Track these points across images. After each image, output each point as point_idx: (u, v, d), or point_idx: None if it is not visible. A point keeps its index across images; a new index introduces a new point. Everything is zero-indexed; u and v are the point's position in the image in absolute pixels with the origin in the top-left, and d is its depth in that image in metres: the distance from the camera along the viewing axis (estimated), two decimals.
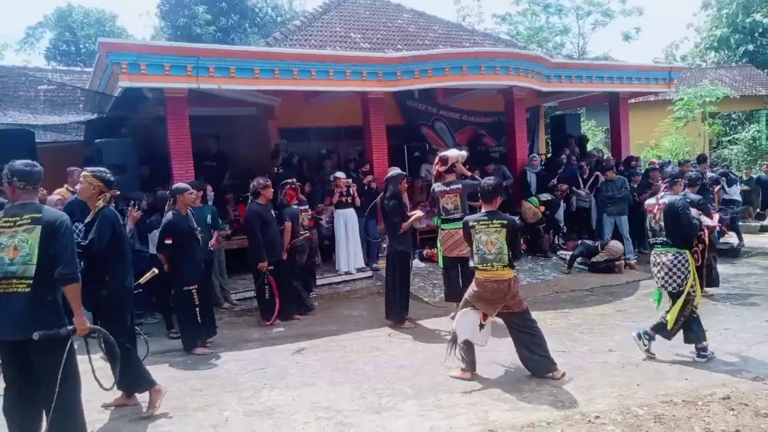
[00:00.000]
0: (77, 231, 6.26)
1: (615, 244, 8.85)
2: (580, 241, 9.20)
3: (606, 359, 4.92)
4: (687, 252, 4.76)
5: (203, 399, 4.47)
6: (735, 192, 10.72)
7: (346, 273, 8.50)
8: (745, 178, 13.92)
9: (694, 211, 5.10)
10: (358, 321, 6.77)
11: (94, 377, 3.58)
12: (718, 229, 6.35)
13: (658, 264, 4.87)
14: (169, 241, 5.59)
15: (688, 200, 5.23)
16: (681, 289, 4.72)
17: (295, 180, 7.36)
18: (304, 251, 7.29)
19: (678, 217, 4.72)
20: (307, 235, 7.32)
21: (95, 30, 24.36)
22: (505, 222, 4.55)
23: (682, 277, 4.73)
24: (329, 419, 3.97)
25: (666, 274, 4.79)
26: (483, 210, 4.71)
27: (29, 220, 3.24)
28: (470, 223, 4.67)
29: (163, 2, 21.56)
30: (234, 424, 3.99)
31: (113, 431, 3.99)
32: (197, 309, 5.64)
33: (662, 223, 4.82)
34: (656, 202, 4.93)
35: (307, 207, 7.49)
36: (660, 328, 4.84)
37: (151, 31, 25.73)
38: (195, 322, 5.67)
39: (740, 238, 10.37)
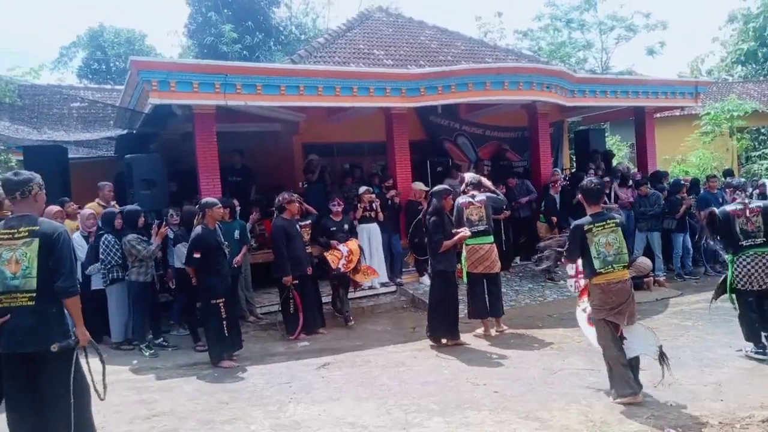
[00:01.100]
0: (109, 243, 6.42)
1: (643, 261, 8.69)
2: None
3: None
4: None
5: (230, 412, 4.49)
6: None
7: (370, 288, 8.49)
8: None
9: None
10: (382, 336, 6.75)
11: (94, 388, 3.49)
12: None
13: (762, 265, 5.16)
14: (197, 255, 5.66)
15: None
16: None
17: (297, 195, 7.30)
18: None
19: None
20: (309, 250, 7.23)
21: (125, 49, 25.02)
22: (617, 220, 4.45)
23: None
24: None
25: None
26: (589, 212, 4.50)
27: (26, 233, 3.23)
28: (585, 227, 4.40)
29: (191, 21, 22.08)
30: None
31: None
32: (224, 322, 5.69)
33: (760, 225, 5.22)
34: (744, 207, 5.34)
35: (309, 222, 7.44)
36: None
37: (178, 49, 26.34)
38: (222, 335, 5.71)
39: None
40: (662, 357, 4.35)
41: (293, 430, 4.10)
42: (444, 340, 6.15)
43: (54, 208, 6.60)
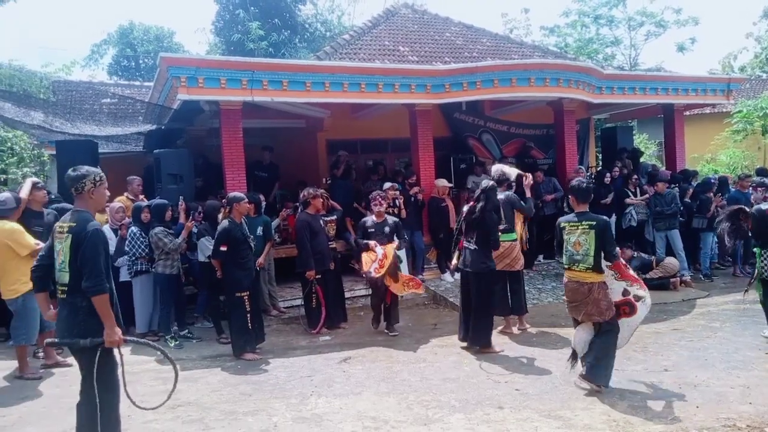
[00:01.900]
0: (134, 236, 6.56)
1: (671, 261, 8.54)
2: (635, 253, 8.88)
3: (661, 379, 4.75)
4: None
5: (253, 404, 4.56)
6: None
7: None
8: None
9: None
10: (404, 332, 6.76)
11: (125, 392, 3.49)
12: None
13: None
14: (224, 248, 5.76)
15: None
16: None
17: (323, 191, 7.30)
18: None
19: None
20: (333, 245, 7.24)
21: (154, 46, 25.45)
22: (593, 223, 4.49)
23: None
24: (376, 429, 3.97)
25: None
26: (576, 210, 4.70)
27: (67, 228, 3.34)
28: (562, 224, 4.70)
29: (218, 19, 22.32)
30: (283, 430, 4.05)
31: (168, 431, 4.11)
32: (248, 315, 5.78)
33: None
34: None
35: (334, 217, 7.46)
36: None
37: (205, 47, 26.68)
38: (246, 327, 5.80)
39: None
40: (574, 356, 4.72)
41: (315, 423, 4.14)
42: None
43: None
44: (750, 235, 5.68)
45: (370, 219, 6.77)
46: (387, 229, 6.64)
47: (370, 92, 8.39)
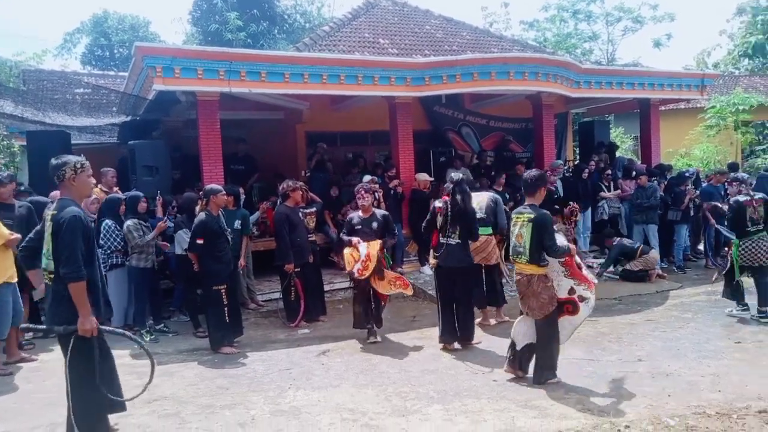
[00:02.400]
0: (109, 229, 6.44)
1: (654, 255, 8.62)
2: (616, 240, 8.96)
3: (636, 369, 4.83)
4: None
5: (230, 398, 4.53)
6: None
7: None
8: None
9: None
10: (383, 324, 6.76)
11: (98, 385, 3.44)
12: None
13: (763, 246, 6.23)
14: (200, 241, 5.69)
15: None
16: None
17: (302, 183, 7.26)
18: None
19: None
20: (313, 238, 7.21)
21: (129, 36, 24.98)
22: (531, 216, 4.45)
23: None
24: (354, 421, 3.98)
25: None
26: (526, 202, 4.67)
27: (50, 216, 3.42)
28: (512, 216, 4.71)
29: (195, 8, 21.99)
30: (261, 423, 4.03)
31: (143, 426, 4.05)
32: (225, 308, 5.73)
33: (762, 213, 6.27)
34: (751, 198, 6.34)
35: (313, 210, 7.43)
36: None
37: (182, 36, 26.28)
38: (223, 321, 5.75)
39: None
40: (512, 347, 4.68)
41: (293, 415, 4.13)
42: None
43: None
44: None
45: (356, 215, 6.19)
46: (375, 224, 6.08)
47: (349, 84, 8.35)
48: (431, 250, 5.74)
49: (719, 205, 8.53)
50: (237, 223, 6.88)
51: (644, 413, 3.91)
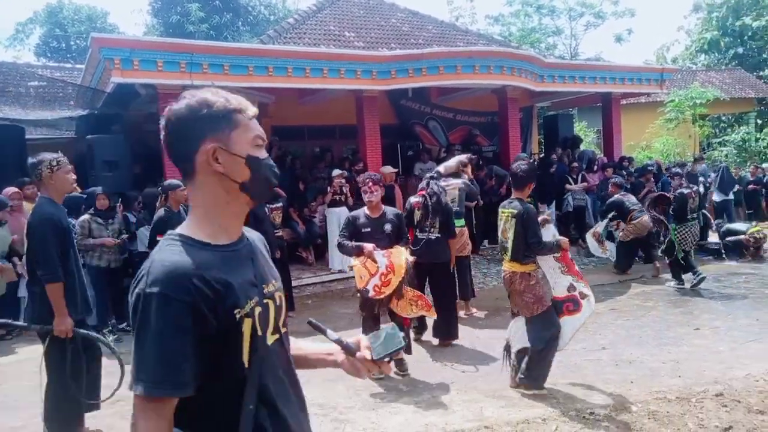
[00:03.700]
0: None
1: (646, 219, 8.17)
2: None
3: (600, 357, 4.95)
4: None
5: None
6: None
7: (340, 271, 8.47)
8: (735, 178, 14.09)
9: None
10: (352, 319, 6.73)
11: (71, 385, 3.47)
12: None
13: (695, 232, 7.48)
14: (160, 238, 5.54)
15: None
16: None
17: None
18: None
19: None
20: (280, 233, 7.14)
21: (86, 27, 24.16)
22: (515, 211, 4.13)
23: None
24: (324, 416, 3.95)
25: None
26: (513, 196, 4.35)
27: (30, 218, 3.48)
28: (499, 210, 4.39)
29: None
30: None
31: (107, 427, 3.94)
32: None
33: (697, 203, 7.52)
34: (690, 191, 7.49)
35: (279, 205, 7.36)
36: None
37: (142, 28, 25.60)
38: None
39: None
40: (507, 348, 4.37)
41: None
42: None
43: (10, 189, 6.38)
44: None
45: (362, 213, 4.79)
46: (388, 226, 4.65)
47: (315, 77, 8.27)
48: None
49: (666, 194, 8.79)
50: None
51: (608, 400, 4.00)
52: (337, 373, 4.77)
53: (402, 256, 4.54)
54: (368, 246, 4.54)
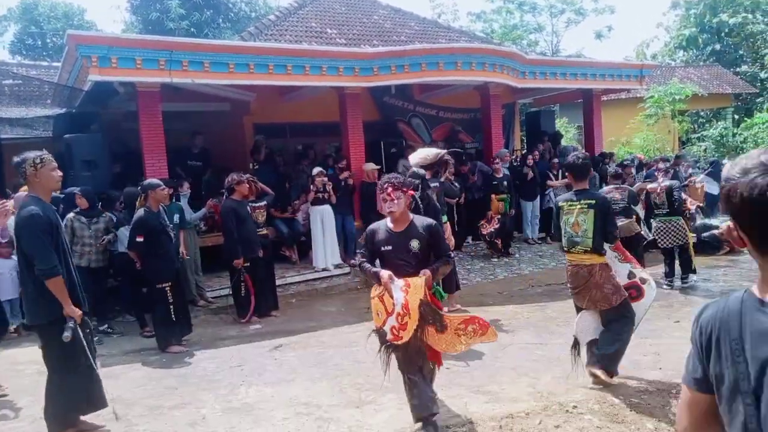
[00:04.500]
0: None
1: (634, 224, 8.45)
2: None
3: (582, 351, 4.97)
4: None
5: (179, 397, 4.40)
6: None
7: (324, 269, 8.46)
8: None
9: None
10: (336, 317, 6.74)
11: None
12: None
13: (671, 228, 7.05)
14: (140, 239, 5.47)
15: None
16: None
17: (249, 175, 7.10)
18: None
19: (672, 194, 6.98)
20: (264, 232, 7.08)
21: (63, 24, 23.74)
22: (592, 202, 4.10)
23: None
24: (309, 414, 3.94)
25: (676, 235, 7.05)
26: (574, 188, 4.31)
27: (16, 217, 3.54)
28: (560, 203, 4.33)
29: None
30: (212, 422, 3.93)
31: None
32: (171, 307, 5.55)
33: (665, 200, 7.02)
34: (658, 186, 7.09)
35: (263, 203, 7.31)
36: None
37: (121, 25, 25.21)
38: (169, 320, 5.57)
39: None
40: (575, 344, 4.34)
41: (245, 412, 4.05)
42: None
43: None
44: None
45: (383, 226, 3.68)
46: (415, 244, 3.53)
47: (296, 75, 8.21)
48: None
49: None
50: (176, 218, 6.68)
51: (591, 393, 4.04)
52: (320, 371, 4.79)
53: (418, 291, 3.36)
54: (384, 275, 3.45)
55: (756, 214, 1.11)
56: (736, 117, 22.80)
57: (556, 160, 10.69)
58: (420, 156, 6.37)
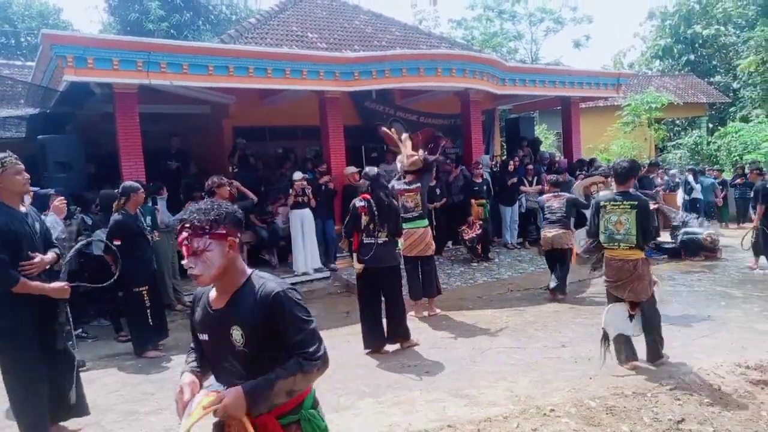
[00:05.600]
0: None
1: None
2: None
3: (559, 354, 5.03)
4: None
5: (155, 403, 4.32)
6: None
7: (303, 273, 8.41)
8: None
9: None
10: (315, 319, 6.68)
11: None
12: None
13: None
14: (117, 242, 5.37)
15: None
16: None
17: (229, 180, 7.02)
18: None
19: None
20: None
21: (37, 23, 23.28)
22: (635, 202, 4.49)
23: None
24: None
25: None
26: (616, 190, 4.69)
27: None
28: (601, 203, 4.66)
29: None
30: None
31: None
32: (148, 311, 5.46)
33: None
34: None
35: (244, 207, 7.23)
36: None
37: (98, 26, 24.87)
38: (146, 324, 5.48)
39: None
40: (605, 338, 4.62)
41: None
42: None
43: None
44: None
45: (205, 296, 2.07)
46: (237, 335, 1.92)
47: (276, 78, 8.18)
48: (355, 254, 5.45)
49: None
50: (149, 219, 6.59)
51: (568, 396, 4.07)
52: None
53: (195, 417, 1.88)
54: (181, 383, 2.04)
55: None
56: (710, 126, 23.34)
57: (531, 166, 10.80)
58: (409, 161, 6.40)
